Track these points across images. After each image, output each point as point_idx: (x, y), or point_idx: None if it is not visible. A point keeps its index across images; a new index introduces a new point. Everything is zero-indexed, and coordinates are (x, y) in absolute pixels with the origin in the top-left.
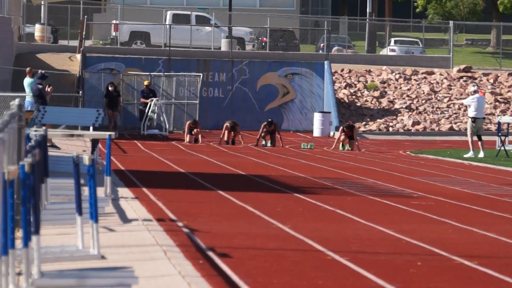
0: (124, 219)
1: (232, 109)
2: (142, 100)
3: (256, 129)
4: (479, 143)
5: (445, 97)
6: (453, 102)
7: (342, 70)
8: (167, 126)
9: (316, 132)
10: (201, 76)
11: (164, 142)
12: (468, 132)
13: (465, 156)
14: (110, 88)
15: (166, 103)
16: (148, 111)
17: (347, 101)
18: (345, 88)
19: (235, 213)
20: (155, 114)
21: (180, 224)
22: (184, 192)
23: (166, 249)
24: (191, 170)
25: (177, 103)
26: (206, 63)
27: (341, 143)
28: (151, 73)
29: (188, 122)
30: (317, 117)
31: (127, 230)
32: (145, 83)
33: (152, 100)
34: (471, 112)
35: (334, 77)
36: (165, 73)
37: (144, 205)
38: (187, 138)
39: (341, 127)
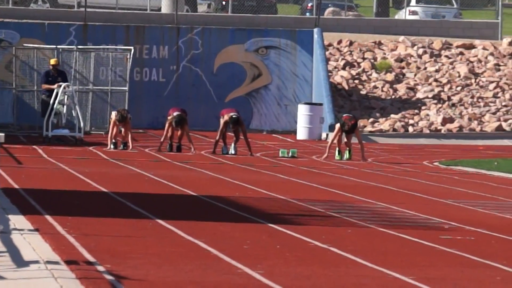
0: (19, 261)
1: (177, 99)
2: (46, 86)
3: (213, 128)
4: None
5: (491, 82)
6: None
7: (340, 42)
8: (81, 125)
9: (301, 134)
10: (132, 51)
11: (78, 147)
12: None
13: None
14: None
15: (80, 91)
16: (54, 103)
17: (346, 87)
18: (344, 68)
19: (182, 252)
20: (65, 107)
21: (101, 268)
22: (107, 222)
23: None
24: (117, 190)
25: (97, 90)
26: (139, 31)
27: (337, 148)
28: (58, 46)
29: (113, 116)
30: (302, 111)
31: (24, 277)
32: (52, 62)
33: (61, 86)
34: None
35: (327, 53)
36: (79, 47)
37: (48, 241)
38: (110, 141)
39: (338, 125)
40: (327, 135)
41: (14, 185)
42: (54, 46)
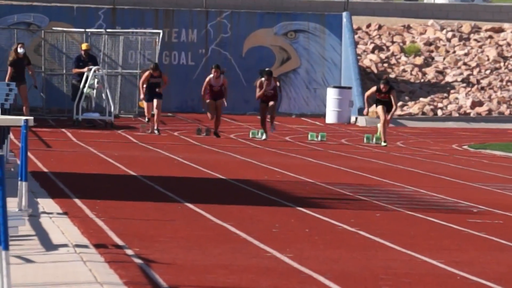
0: (48, 244)
1: None
2: (76, 70)
3: (242, 112)
4: None
5: None
6: None
7: (369, 25)
8: (112, 109)
9: (330, 117)
10: (161, 35)
11: (107, 131)
12: None
13: None
14: (20, 51)
15: (109, 74)
16: (84, 86)
17: (375, 71)
18: (373, 52)
19: (210, 236)
20: (94, 91)
21: (129, 252)
22: (136, 205)
23: None
24: (146, 173)
25: (126, 73)
26: (168, 14)
27: (378, 130)
28: (87, 30)
29: (146, 74)
30: (331, 94)
31: (52, 260)
32: (83, 46)
33: (91, 69)
34: None
35: (356, 36)
36: (108, 30)
37: (76, 224)
38: (147, 110)
39: (375, 88)
40: (356, 118)
41: (43, 169)
42: (83, 30)
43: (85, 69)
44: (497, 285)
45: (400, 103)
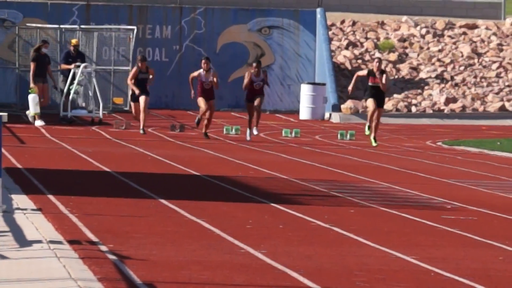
0: (22, 240)
1: (180, 78)
2: (64, 66)
3: (216, 108)
4: None
5: (494, 62)
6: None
7: (343, 22)
8: (101, 104)
9: (304, 114)
10: (135, 31)
11: (80, 127)
12: None
13: None
14: (44, 50)
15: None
16: (71, 83)
17: (349, 67)
18: (346, 48)
19: (184, 232)
20: (82, 88)
21: (103, 248)
22: (110, 202)
23: (84, 285)
24: (120, 169)
25: (100, 70)
26: (142, 11)
27: (367, 125)
28: (61, 26)
29: (133, 70)
30: (305, 91)
31: (26, 256)
32: (73, 42)
33: (79, 66)
34: None
35: (330, 33)
36: (82, 26)
37: (51, 221)
38: (134, 110)
39: (367, 71)
40: (330, 115)
41: (17, 165)
42: (57, 26)
43: (72, 66)
44: (471, 281)
45: None
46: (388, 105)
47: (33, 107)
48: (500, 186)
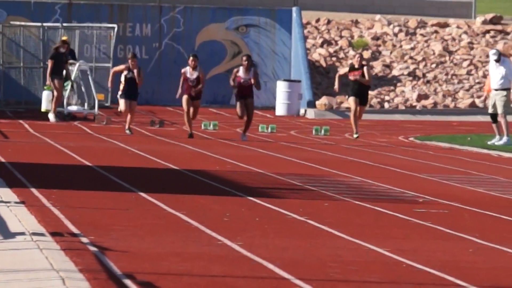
0: (5, 232)
1: (160, 75)
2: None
3: None
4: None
5: (465, 59)
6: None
7: (318, 20)
8: (96, 101)
9: (280, 110)
10: (116, 29)
11: (64, 122)
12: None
13: (489, 142)
14: (62, 50)
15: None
16: (65, 80)
17: (324, 65)
18: (321, 46)
19: (163, 224)
20: (75, 85)
21: (85, 240)
22: (91, 195)
23: (65, 275)
24: (101, 164)
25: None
26: (123, 10)
27: (353, 123)
28: (44, 24)
29: (121, 67)
30: (281, 87)
31: (10, 248)
32: (63, 38)
33: (74, 64)
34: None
35: (306, 31)
36: (64, 24)
37: (33, 213)
38: (121, 103)
39: (347, 69)
40: (305, 111)
41: (0, 159)
42: (40, 24)
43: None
44: (442, 273)
45: (347, 96)
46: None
47: (45, 103)
48: (470, 180)
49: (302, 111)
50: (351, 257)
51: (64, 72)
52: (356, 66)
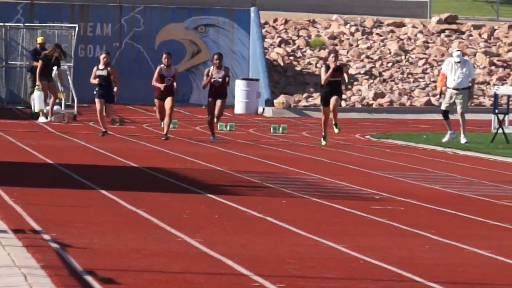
0: None
1: (120, 74)
2: (36, 64)
3: (154, 103)
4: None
5: (420, 58)
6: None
7: (276, 20)
8: (76, 101)
9: (239, 108)
10: (77, 29)
11: (25, 121)
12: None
13: (443, 140)
14: (55, 54)
15: (27, 67)
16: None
17: (282, 63)
18: (279, 45)
19: (123, 221)
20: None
21: (46, 237)
22: (52, 192)
23: (27, 271)
24: (62, 161)
25: None
26: (84, 9)
27: (322, 134)
28: (6, 24)
29: (94, 68)
30: (239, 86)
31: None
32: (39, 40)
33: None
34: None
35: (264, 30)
36: (26, 24)
37: None
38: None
39: (324, 68)
40: (263, 109)
41: None
42: (2, 24)
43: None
44: (398, 269)
45: (305, 95)
46: (319, 100)
47: (38, 103)
48: (426, 178)
49: (260, 110)
50: (309, 254)
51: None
52: (332, 67)
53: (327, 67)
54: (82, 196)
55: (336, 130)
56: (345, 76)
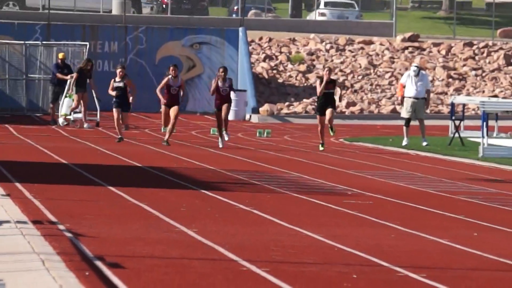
0: None
1: None
2: (60, 76)
3: (155, 111)
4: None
5: (387, 72)
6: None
7: (261, 38)
8: (98, 109)
9: (229, 115)
10: (88, 46)
11: (42, 126)
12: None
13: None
14: (88, 67)
15: (45, 79)
16: (68, 91)
17: (266, 76)
18: (264, 60)
19: (128, 213)
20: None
21: (61, 227)
22: (67, 188)
23: (45, 257)
24: (75, 161)
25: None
26: (94, 29)
27: (321, 142)
28: (26, 42)
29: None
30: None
31: None
32: (60, 56)
33: (73, 77)
34: None
35: (250, 47)
36: (44, 42)
37: (17, 204)
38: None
39: (318, 80)
40: (250, 116)
41: None
42: (23, 42)
43: (68, 77)
44: (368, 255)
45: (286, 103)
46: (299, 108)
47: (65, 108)
48: (392, 176)
49: (247, 116)
50: (290, 242)
51: (68, 83)
52: (325, 79)
53: (322, 80)
54: (92, 192)
55: (331, 133)
56: (338, 89)
